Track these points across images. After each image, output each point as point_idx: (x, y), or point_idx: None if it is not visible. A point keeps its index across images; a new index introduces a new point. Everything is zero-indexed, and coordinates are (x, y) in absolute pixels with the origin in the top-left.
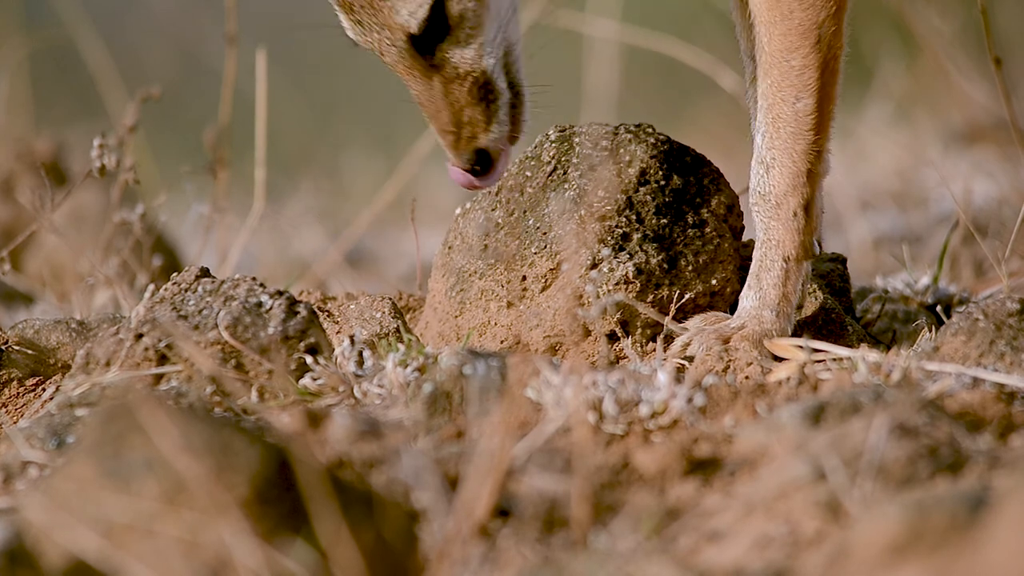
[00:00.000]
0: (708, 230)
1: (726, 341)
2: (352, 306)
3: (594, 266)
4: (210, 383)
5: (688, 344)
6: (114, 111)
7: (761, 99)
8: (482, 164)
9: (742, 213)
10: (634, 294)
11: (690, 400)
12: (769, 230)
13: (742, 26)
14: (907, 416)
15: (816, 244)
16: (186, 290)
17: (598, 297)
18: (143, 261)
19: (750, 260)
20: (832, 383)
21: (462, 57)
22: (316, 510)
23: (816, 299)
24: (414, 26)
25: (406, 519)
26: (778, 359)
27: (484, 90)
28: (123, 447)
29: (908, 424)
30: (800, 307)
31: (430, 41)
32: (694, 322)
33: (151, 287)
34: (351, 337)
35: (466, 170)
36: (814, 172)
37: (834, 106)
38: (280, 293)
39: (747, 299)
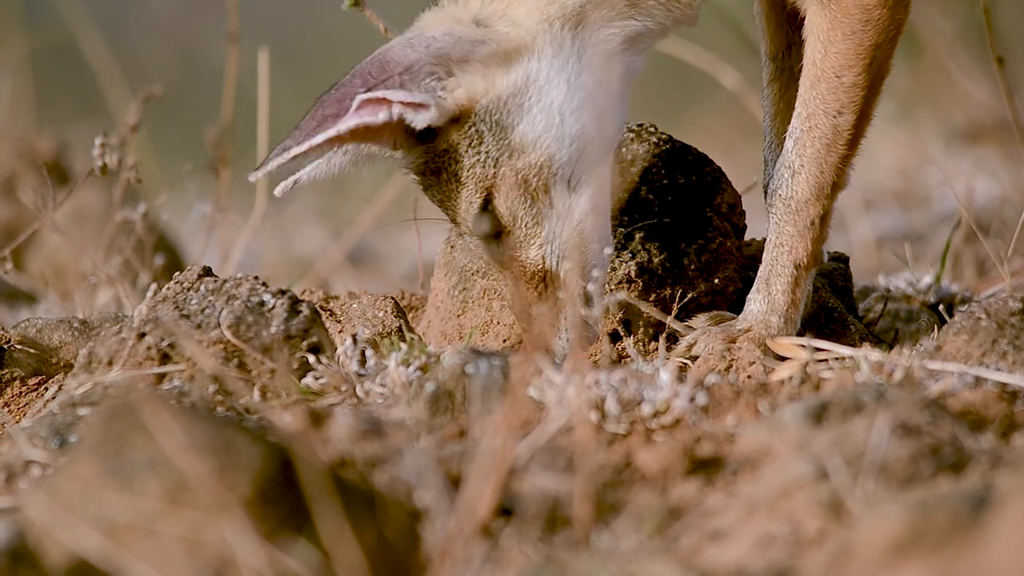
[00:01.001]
0: (710, 229)
1: (732, 342)
2: (354, 305)
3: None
4: (212, 382)
5: (693, 344)
6: (116, 110)
7: (800, 107)
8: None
9: (744, 212)
10: (636, 293)
11: (692, 399)
12: (782, 234)
13: (767, 30)
14: (909, 415)
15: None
16: (188, 289)
17: (601, 296)
18: (145, 260)
19: (752, 259)
20: (834, 382)
21: (526, 256)
22: (318, 509)
23: (818, 298)
24: (469, 222)
25: (408, 518)
26: (781, 358)
27: (551, 289)
28: (125, 446)
29: (910, 423)
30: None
31: (494, 236)
32: (699, 322)
33: (153, 286)
34: (353, 336)
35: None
36: (838, 185)
37: (869, 125)
38: (282, 292)
39: (755, 302)
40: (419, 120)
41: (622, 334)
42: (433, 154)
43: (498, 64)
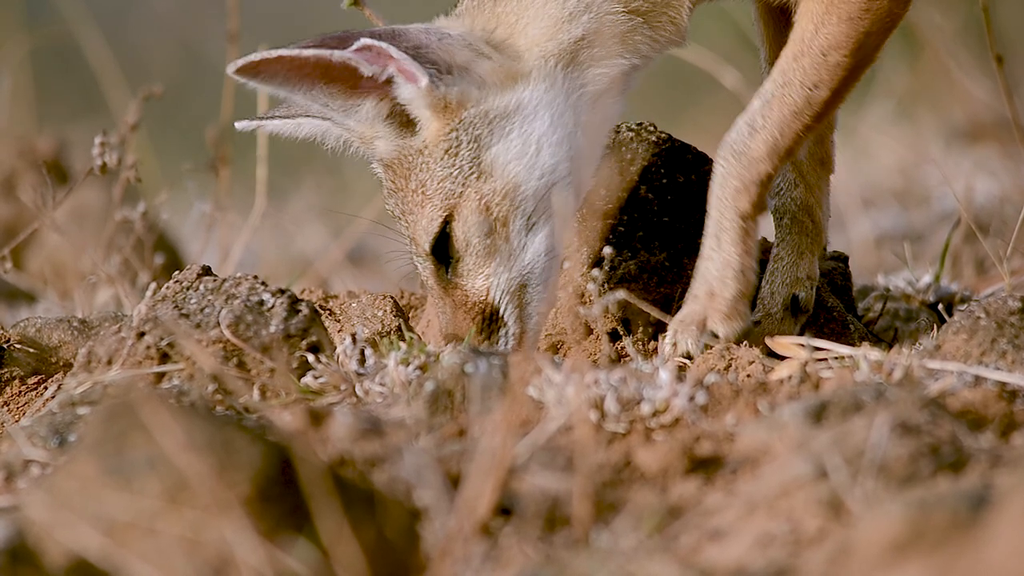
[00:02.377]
0: None
1: (703, 323)
2: (354, 304)
3: (596, 264)
4: (212, 381)
5: (675, 344)
6: (116, 109)
7: (777, 73)
8: None
9: None
10: (636, 292)
11: (692, 398)
12: (726, 186)
13: (765, 35)
14: (909, 414)
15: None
16: (188, 288)
17: (600, 295)
18: (145, 259)
19: None
20: (834, 381)
21: (472, 286)
22: (318, 508)
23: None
24: (427, 243)
25: (408, 517)
26: (780, 357)
27: (488, 325)
28: (125, 445)
29: (910, 422)
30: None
31: (446, 260)
32: (672, 322)
33: (153, 285)
34: (353, 335)
35: None
36: (792, 151)
37: (839, 107)
38: (282, 291)
39: (709, 261)
40: (405, 92)
41: (622, 333)
42: (407, 153)
43: (495, 83)
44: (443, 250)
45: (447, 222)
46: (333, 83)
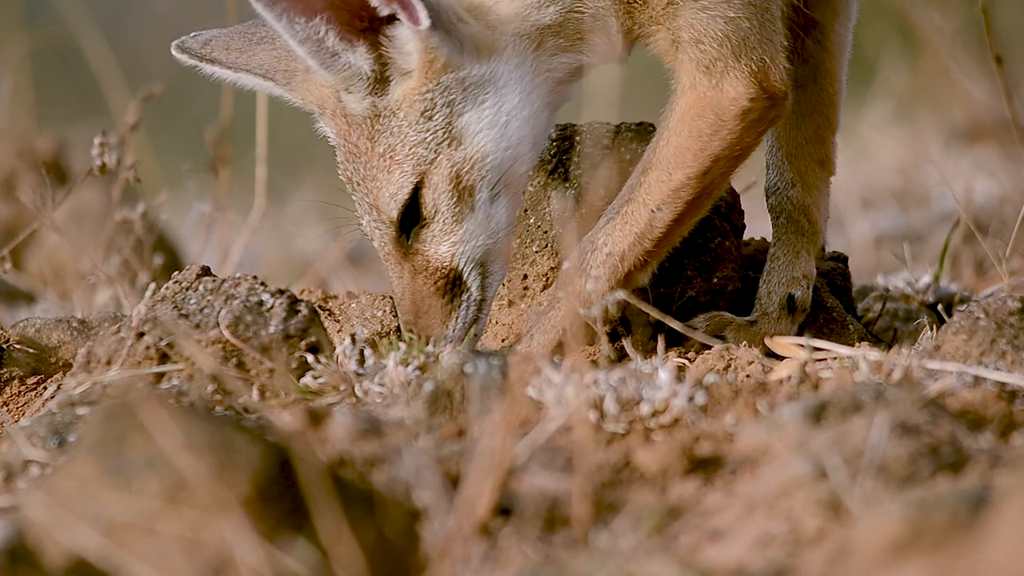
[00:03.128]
0: (709, 229)
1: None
2: (353, 305)
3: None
4: (211, 382)
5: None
6: (115, 109)
7: (626, 190)
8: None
9: (743, 212)
10: (635, 292)
11: (691, 399)
12: (566, 299)
13: None
14: (908, 415)
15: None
16: (187, 289)
17: (600, 295)
18: (144, 259)
19: (751, 259)
20: (833, 381)
21: (435, 252)
22: (317, 508)
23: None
24: (394, 209)
25: (407, 517)
26: (779, 358)
27: (451, 287)
28: (124, 446)
29: (909, 423)
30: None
31: (409, 227)
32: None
33: (152, 286)
34: (352, 336)
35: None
36: (633, 277)
37: (679, 238)
38: (281, 292)
39: (524, 340)
40: (403, 33)
41: (621, 333)
42: (376, 113)
43: (472, 51)
44: (408, 217)
45: (417, 188)
46: (335, 15)
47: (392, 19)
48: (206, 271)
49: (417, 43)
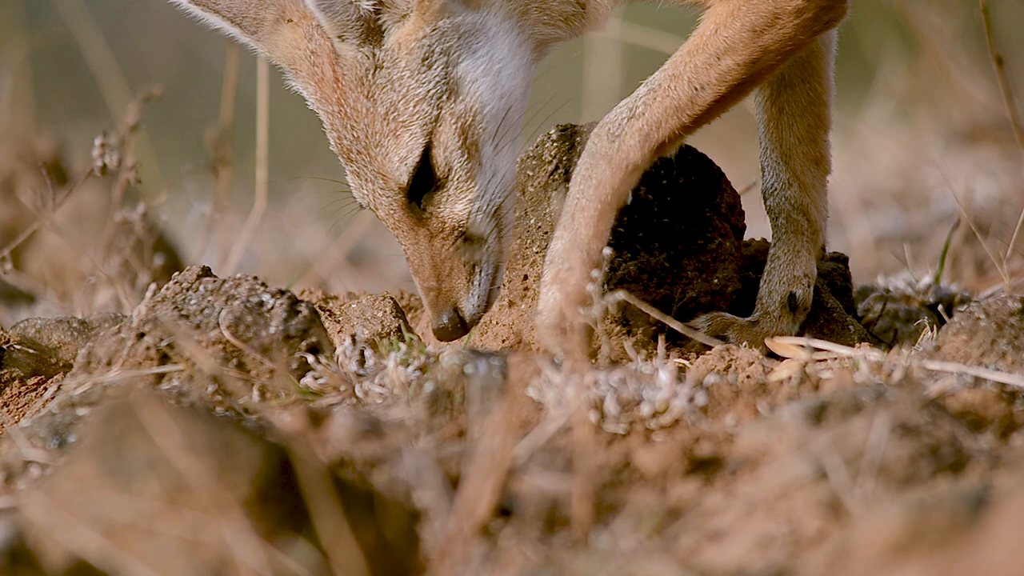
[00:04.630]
0: (709, 229)
1: (561, 313)
2: (353, 305)
3: (595, 265)
4: (211, 382)
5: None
6: (116, 110)
7: (669, 65)
8: (458, 325)
9: (743, 212)
10: (636, 292)
11: (691, 399)
12: (596, 168)
13: None
14: (908, 415)
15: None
16: (188, 289)
17: (600, 295)
18: (144, 260)
19: (751, 259)
20: (833, 382)
21: (451, 212)
22: (317, 509)
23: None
24: (405, 174)
25: (407, 518)
26: (780, 358)
27: (469, 246)
28: (124, 446)
29: (909, 423)
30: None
31: (419, 192)
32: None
33: (152, 286)
34: (352, 336)
35: (443, 329)
36: (664, 148)
37: (718, 116)
38: (282, 292)
39: (559, 240)
40: None
41: (621, 333)
42: (374, 65)
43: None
44: (418, 182)
45: (427, 149)
46: None
47: None
48: (206, 272)
49: None
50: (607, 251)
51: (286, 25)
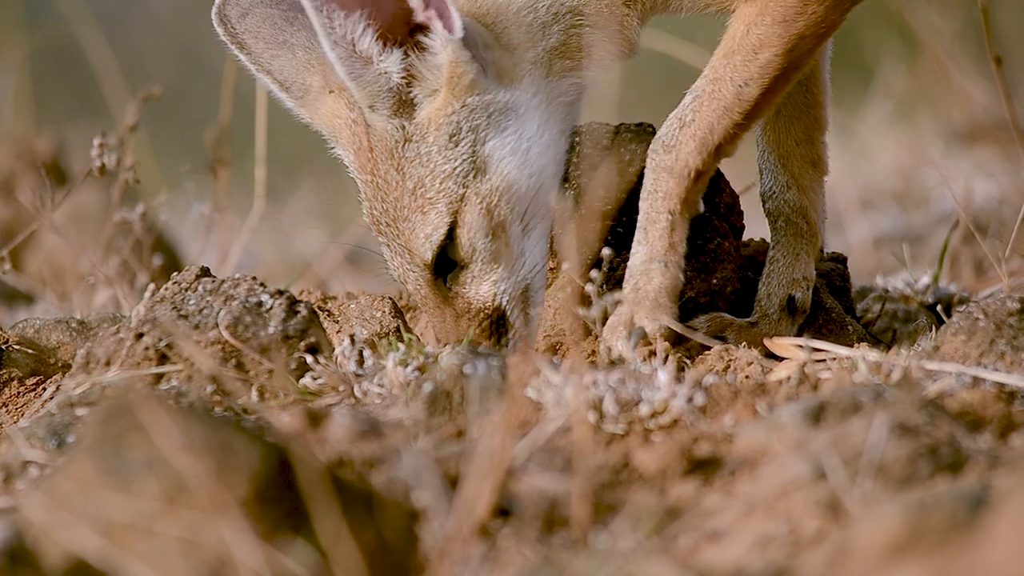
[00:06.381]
0: (708, 229)
1: (630, 320)
2: (352, 305)
3: (595, 264)
4: (210, 382)
5: (610, 348)
6: (115, 110)
7: (708, 71)
8: None
9: (742, 212)
10: None
11: (690, 399)
12: (659, 181)
13: None
14: (907, 415)
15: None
16: (186, 289)
17: (599, 296)
18: (143, 260)
19: (750, 259)
20: (832, 382)
21: (476, 293)
22: (316, 509)
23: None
24: (429, 252)
25: (406, 518)
26: (778, 358)
27: (496, 327)
28: (123, 446)
29: (908, 423)
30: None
31: (445, 269)
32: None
33: (151, 286)
34: (351, 336)
35: None
36: (723, 150)
37: (769, 110)
38: (280, 292)
39: (636, 255)
40: (437, 43)
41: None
42: (403, 137)
43: (495, 76)
44: (444, 259)
45: (451, 229)
46: (374, 13)
47: (424, 30)
48: (205, 272)
49: (448, 54)
50: (606, 251)
51: (330, 95)
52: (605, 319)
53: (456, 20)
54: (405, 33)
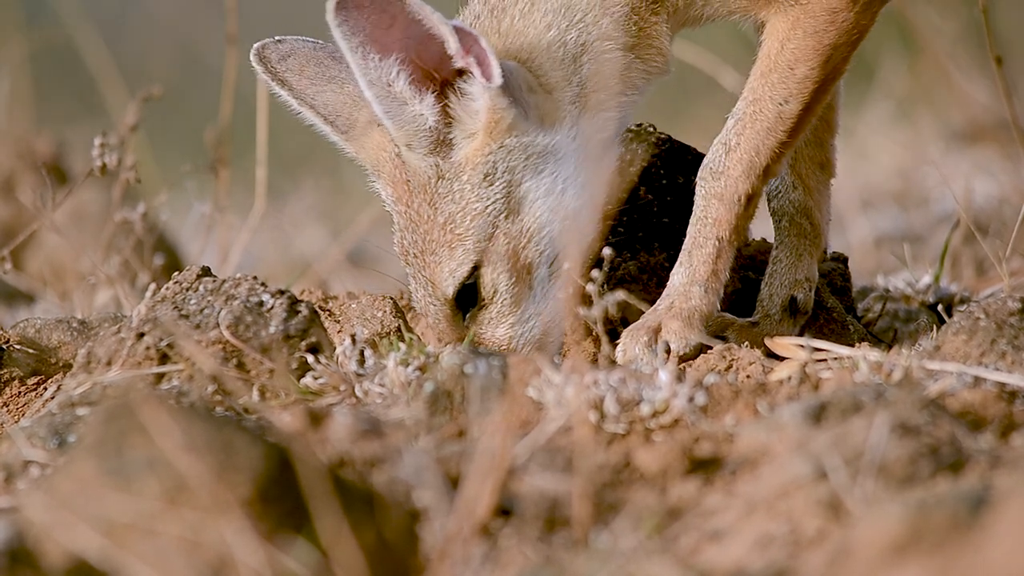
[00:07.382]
0: None
1: (657, 330)
2: (353, 305)
3: (596, 264)
4: (211, 382)
5: (625, 349)
6: (115, 110)
7: (747, 92)
8: None
9: None
10: (636, 292)
11: (691, 399)
12: (708, 207)
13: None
14: (908, 415)
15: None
16: (187, 289)
17: (599, 296)
18: (144, 260)
19: (750, 259)
20: (833, 382)
21: (492, 335)
22: (317, 509)
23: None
24: (451, 287)
25: (407, 518)
26: (779, 358)
27: None
28: (124, 446)
29: (909, 423)
30: (731, 290)
31: (466, 306)
32: (628, 327)
33: (152, 286)
34: (352, 336)
35: None
36: (771, 170)
37: (812, 122)
38: (281, 292)
39: (677, 275)
40: (476, 88)
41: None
42: (437, 175)
43: (536, 119)
44: (465, 296)
45: (476, 267)
46: (410, 58)
47: (463, 74)
48: (206, 272)
49: (486, 101)
50: (607, 251)
51: (377, 128)
52: (606, 319)
53: (495, 68)
54: (446, 75)
